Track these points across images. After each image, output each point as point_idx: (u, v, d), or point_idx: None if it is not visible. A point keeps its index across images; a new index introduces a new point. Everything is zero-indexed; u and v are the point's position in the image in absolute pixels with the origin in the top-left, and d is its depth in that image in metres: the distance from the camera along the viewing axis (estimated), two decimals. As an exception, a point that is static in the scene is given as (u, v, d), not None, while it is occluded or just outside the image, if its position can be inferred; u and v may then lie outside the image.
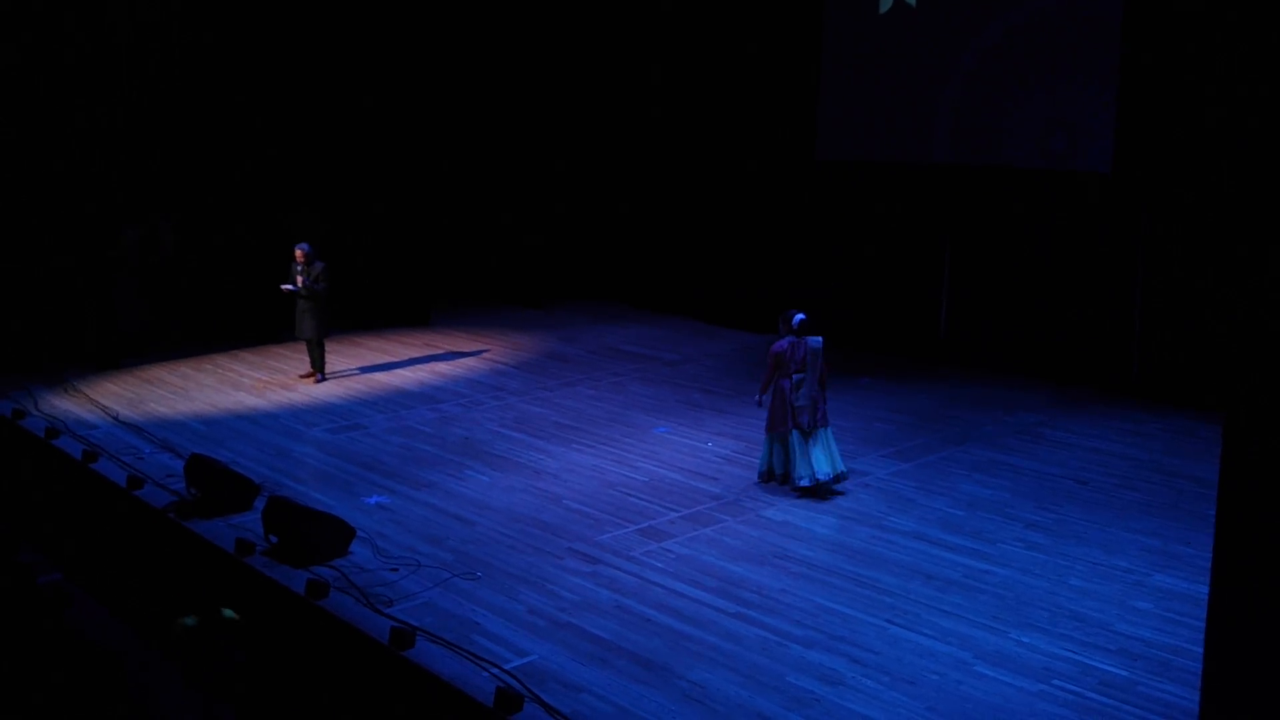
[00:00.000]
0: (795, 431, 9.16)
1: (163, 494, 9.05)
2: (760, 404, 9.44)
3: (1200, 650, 5.03)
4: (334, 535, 7.91)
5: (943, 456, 10.21)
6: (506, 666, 6.33)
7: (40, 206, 13.46)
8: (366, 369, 13.35)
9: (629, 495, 9.18)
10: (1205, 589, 7.18)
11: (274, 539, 7.97)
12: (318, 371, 12.67)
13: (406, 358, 13.94)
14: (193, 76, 14.49)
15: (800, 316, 9.28)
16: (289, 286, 12.24)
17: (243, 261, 14.37)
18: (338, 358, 13.58)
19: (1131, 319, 12.20)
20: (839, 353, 14.21)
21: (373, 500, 9.03)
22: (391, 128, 15.84)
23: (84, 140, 13.75)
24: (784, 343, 9.22)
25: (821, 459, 9.14)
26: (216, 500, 8.69)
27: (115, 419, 11.15)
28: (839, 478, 9.22)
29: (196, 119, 14.56)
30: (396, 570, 7.63)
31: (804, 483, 9.08)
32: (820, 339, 9.27)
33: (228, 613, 4.98)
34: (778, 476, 9.34)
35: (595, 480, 9.54)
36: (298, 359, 13.22)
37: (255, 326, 14.34)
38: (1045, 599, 7.29)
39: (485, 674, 6.24)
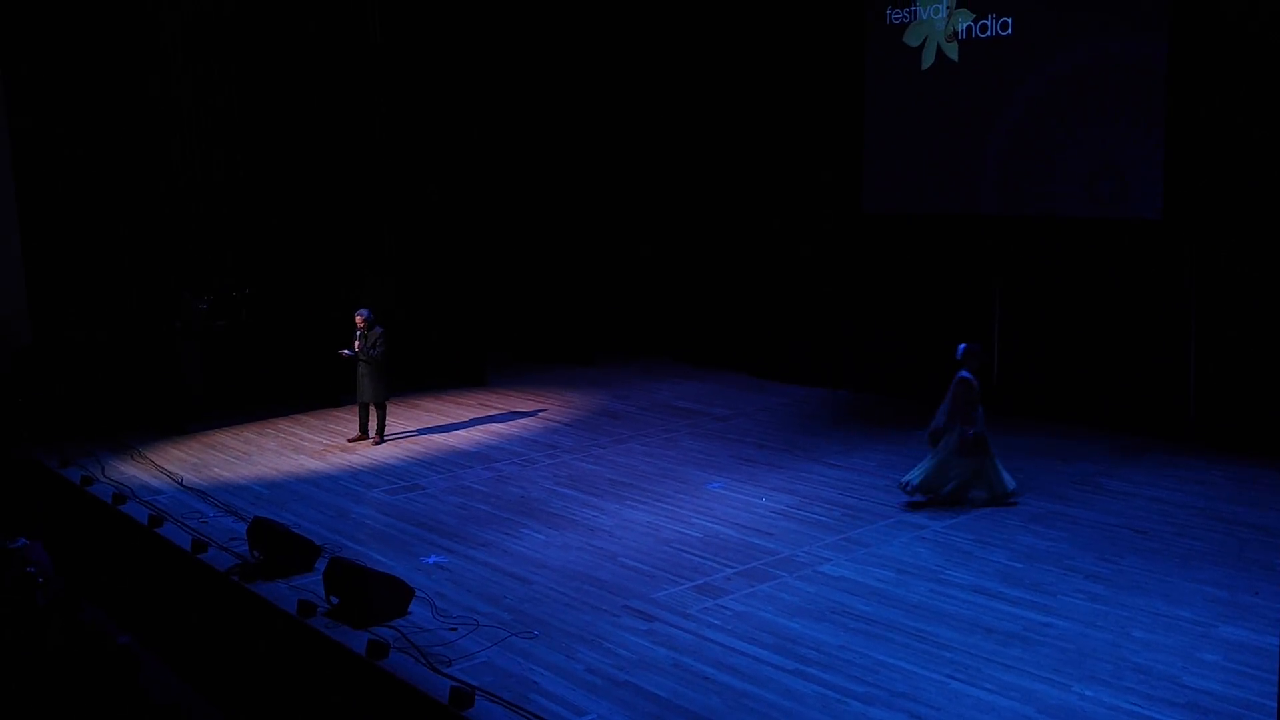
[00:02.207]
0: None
1: (226, 557, 9.22)
2: None
3: (1273, 704, 4.95)
4: (393, 595, 8.01)
5: (999, 507, 10.12)
6: (566, 725, 6.36)
7: (106, 276, 13.89)
8: (424, 430, 13.53)
9: (684, 551, 9.20)
10: (1275, 640, 7.08)
11: (335, 600, 8.09)
12: (378, 435, 12.88)
13: (463, 418, 14.12)
14: (257, 148, 14.94)
15: (959, 345, 10.21)
16: (346, 351, 12.56)
17: (304, 327, 14.68)
18: (395, 419, 13.78)
19: (1187, 365, 12.07)
20: (891, 404, 14.24)
21: (431, 560, 9.13)
22: (445, 194, 16.16)
23: (149, 209, 14.19)
24: None
25: (915, 472, 10.17)
26: (279, 562, 8.83)
27: (180, 484, 11.40)
28: (910, 490, 10.15)
29: (259, 189, 14.99)
30: (455, 630, 7.70)
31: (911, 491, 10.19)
32: (963, 372, 10.04)
33: None
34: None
35: (650, 537, 9.57)
36: (357, 422, 13.42)
37: (316, 391, 14.61)
38: (1108, 651, 7.19)
39: (545, 733, 6.28)
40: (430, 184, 16.05)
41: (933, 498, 10.11)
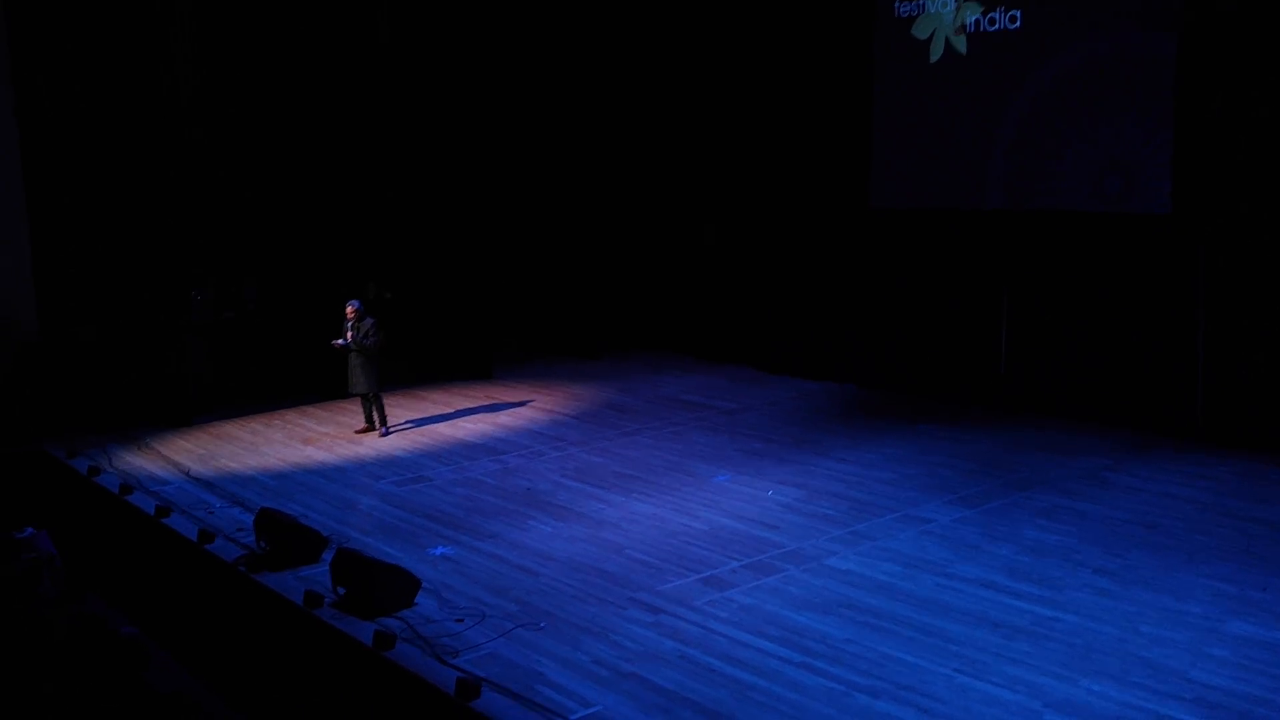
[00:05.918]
0: None
1: (233, 548, 9.24)
2: None
3: (1280, 699, 4.94)
4: (400, 587, 8.01)
5: (1007, 502, 10.10)
6: (572, 718, 6.37)
7: (113, 268, 13.90)
8: (430, 421, 13.54)
9: (690, 544, 9.20)
10: (1282, 635, 7.07)
11: (342, 591, 8.10)
12: (382, 425, 12.89)
13: (469, 408, 14.14)
14: (265, 141, 14.94)
15: None
16: (339, 341, 12.58)
17: (311, 318, 14.68)
18: (403, 411, 13.80)
19: (1195, 361, 12.03)
20: (899, 398, 14.22)
21: (438, 551, 9.14)
22: (452, 188, 16.17)
23: (156, 203, 14.20)
24: None
25: None
26: (285, 553, 8.84)
27: (187, 475, 11.42)
28: None
29: (268, 182, 15.00)
30: (462, 621, 7.71)
31: None
32: None
33: None
34: None
35: (657, 529, 9.57)
36: (363, 414, 13.43)
37: (323, 382, 14.61)
38: (1116, 646, 7.17)
39: (551, 724, 6.28)
40: (438, 177, 16.05)
41: None
